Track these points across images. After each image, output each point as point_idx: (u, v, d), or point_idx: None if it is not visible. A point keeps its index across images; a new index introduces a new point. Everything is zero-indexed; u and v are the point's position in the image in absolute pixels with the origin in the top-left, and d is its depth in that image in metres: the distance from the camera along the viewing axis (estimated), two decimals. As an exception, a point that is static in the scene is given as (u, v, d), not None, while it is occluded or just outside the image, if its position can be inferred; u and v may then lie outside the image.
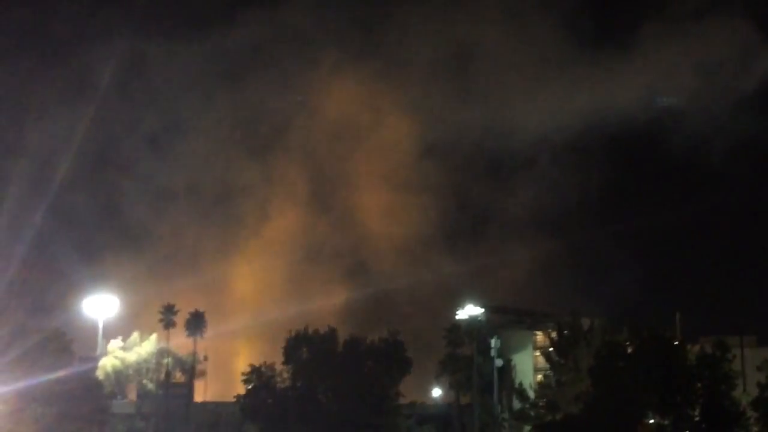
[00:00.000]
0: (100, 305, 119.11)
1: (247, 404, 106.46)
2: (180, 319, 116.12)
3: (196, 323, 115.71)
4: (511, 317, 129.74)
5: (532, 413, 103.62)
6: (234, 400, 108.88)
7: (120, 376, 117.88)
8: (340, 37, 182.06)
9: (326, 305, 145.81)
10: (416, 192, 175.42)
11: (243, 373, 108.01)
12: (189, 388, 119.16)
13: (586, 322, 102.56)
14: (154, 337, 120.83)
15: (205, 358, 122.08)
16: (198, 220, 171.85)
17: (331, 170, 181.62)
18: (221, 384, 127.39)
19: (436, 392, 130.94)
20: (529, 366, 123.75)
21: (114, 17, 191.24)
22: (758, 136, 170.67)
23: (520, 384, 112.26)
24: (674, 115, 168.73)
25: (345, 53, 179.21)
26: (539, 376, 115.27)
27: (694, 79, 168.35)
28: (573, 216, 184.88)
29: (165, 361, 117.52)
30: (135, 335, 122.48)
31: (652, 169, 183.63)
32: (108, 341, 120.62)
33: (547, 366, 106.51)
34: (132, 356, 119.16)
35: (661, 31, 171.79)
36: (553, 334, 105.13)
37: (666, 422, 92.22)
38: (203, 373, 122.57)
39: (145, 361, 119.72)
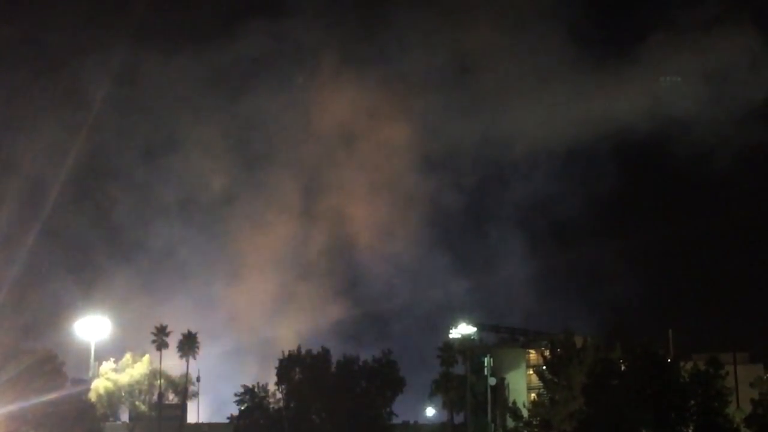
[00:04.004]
0: (91, 327, 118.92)
1: (241, 425, 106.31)
2: (172, 339, 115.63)
3: (188, 344, 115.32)
4: (504, 335, 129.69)
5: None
6: (227, 420, 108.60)
7: (112, 398, 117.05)
8: (339, 47, 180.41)
9: (319, 323, 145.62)
10: (412, 205, 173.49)
11: (236, 394, 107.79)
12: (182, 409, 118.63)
13: (579, 340, 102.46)
14: (146, 358, 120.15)
15: (198, 379, 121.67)
16: (191, 236, 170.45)
17: (327, 183, 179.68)
18: (214, 405, 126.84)
19: (430, 411, 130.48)
20: (523, 384, 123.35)
21: (109, 29, 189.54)
22: (764, 148, 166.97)
23: (514, 402, 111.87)
24: (680, 125, 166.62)
25: (343, 63, 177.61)
26: (533, 395, 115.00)
27: (700, 89, 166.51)
28: (570, 230, 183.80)
29: (157, 382, 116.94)
30: (127, 356, 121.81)
31: (653, 182, 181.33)
32: (100, 363, 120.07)
33: (541, 384, 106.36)
34: (124, 378, 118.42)
35: (667, 40, 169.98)
36: (546, 353, 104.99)
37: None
38: (196, 394, 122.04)
39: (138, 382, 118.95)
